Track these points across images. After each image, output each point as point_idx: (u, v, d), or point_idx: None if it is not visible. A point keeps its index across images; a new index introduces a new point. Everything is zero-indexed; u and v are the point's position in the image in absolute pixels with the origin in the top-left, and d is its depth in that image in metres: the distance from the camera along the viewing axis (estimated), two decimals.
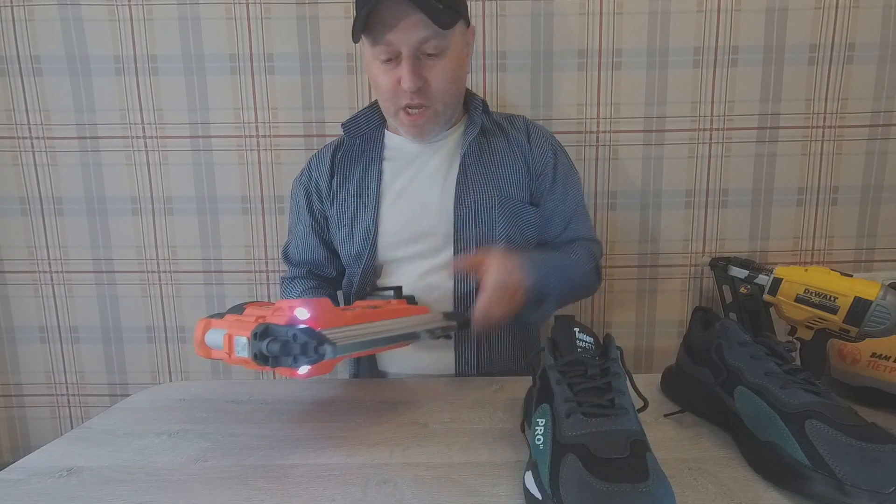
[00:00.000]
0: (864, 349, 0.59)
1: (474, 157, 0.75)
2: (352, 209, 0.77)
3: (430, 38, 0.64)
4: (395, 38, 0.64)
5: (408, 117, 0.70)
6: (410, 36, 0.64)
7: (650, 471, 0.35)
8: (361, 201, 0.77)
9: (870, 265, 1.06)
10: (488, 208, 0.74)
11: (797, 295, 0.65)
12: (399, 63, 0.66)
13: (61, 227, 1.08)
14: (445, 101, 0.71)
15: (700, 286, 1.07)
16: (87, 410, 1.13)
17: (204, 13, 1.00)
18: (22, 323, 1.11)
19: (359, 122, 0.79)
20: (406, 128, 0.73)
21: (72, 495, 0.43)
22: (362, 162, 0.78)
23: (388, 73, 0.67)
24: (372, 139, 0.79)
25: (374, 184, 0.76)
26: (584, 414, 0.39)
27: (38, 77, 1.03)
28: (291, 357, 0.45)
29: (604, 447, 0.37)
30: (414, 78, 0.65)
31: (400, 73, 0.66)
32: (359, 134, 0.79)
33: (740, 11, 0.98)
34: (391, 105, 0.71)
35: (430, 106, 0.69)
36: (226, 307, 1.09)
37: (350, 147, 0.80)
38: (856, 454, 0.37)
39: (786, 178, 1.03)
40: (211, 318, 0.52)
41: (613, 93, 1.01)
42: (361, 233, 0.76)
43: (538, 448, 0.40)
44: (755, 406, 0.45)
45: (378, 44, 0.65)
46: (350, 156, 0.79)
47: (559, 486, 0.36)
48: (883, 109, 1.01)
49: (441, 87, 0.68)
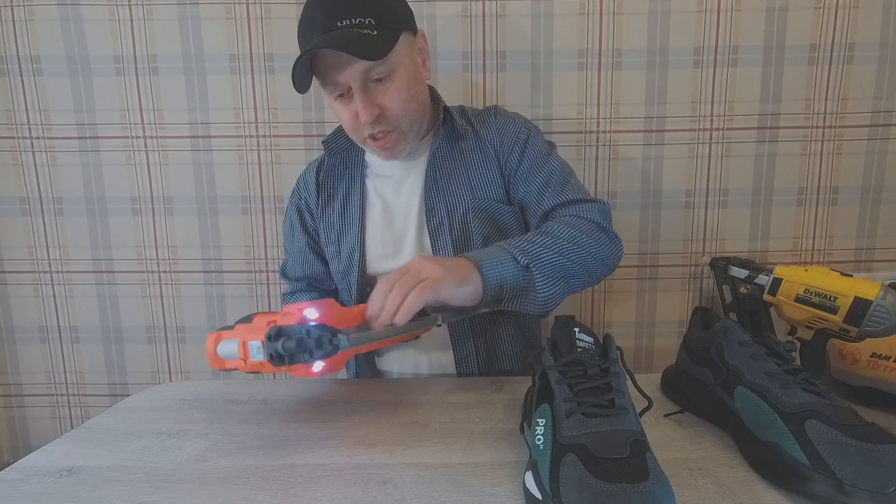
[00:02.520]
0: (864, 349, 0.59)
1: (444, 165, 0.75)
2: (337, 228, 0.78)
3: (373, 67, 0.64)
4: (340, 77, 0.64)
5: (375, 144, 0.70)
6: (353, 71, 0.63)
7: (650, 471, 0.35)
8: (346, 221, 0.78)
9: (870, 265, 1.06)
10: (462, 213, 0.74)
11: (797, 295, 0.65)
12: (353, 96, 0.66)
13: (61, 227, 1.08)
14: (409, 119, 0.70)
15: (700, 286, 1.07)
16: (87, 410, 1.13)
17: (204, 13, 1.00)
18: (22, 323, 1.11)
19: (338, 138, 0.80)
20: (377, 154, 0.74)
21: (72, 495, 0.43)
22: (345, 179, 0.79)
23: (346, 108, 0.68)
24: (353, 155, 0.80)
25: (357, 202, 0.77)
26: (585, 414, 0.39)
27: (38, 77, 1.03)
28: (307, 352, 0.45)
29: (604, 447, 0.37)
30: (369, 109, 0.65)
31: (356, 107, 0.66)
32: (339, 150, 0.80)
33: (740, 11, 0.98)
34: (356, 137, 0.71)
35: (393, 129, 0.69)
36: (226, 307, 1.11)
37: (332, 164, 0.80)
38: (856, 454, 0.37)
39: (786, 178, 1.03)
40: (221, 331, 0.52)
41: (613, 93, 1.01)
42: (347, 250, 0.77)
43: (538, 448, 0.40)
44: (755, 406, 0.45)
45: (326, 84, 0.67)
46: (333, 173, 0.80)
47: (559, 486, 0.36)
48: (883, 109, 1.01)
49: (398, 110, 0.68)
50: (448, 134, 0.76)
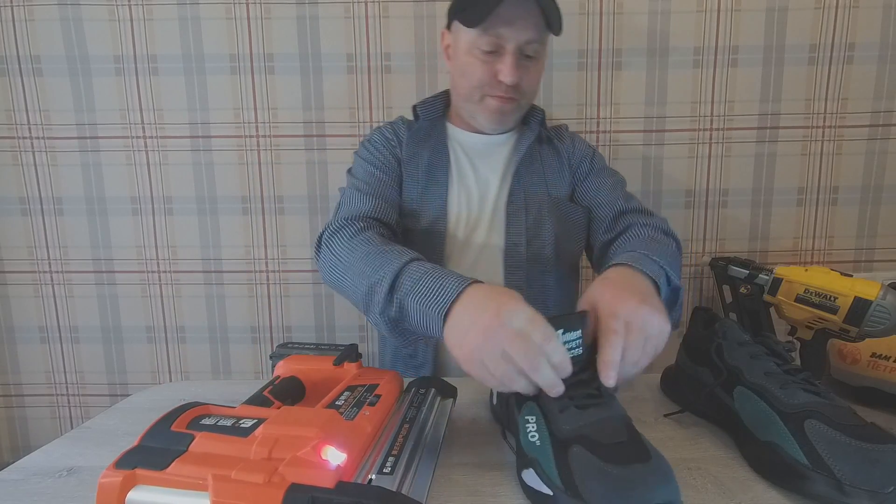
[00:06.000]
0: (864, 349, 0.59)
1: (527, 161, 0.78)
2: (421, 185, 0.77)
3: (534, 41, 0.68)
4: (507, 33, 0.67)
5: (498, 101, 0.72)
6: (520, 35, 0.67)
7: (650, 450, 0.37)
8: (432, 180, 0.77)
9: (870, 265, 1.06)
10: (538, 204, 0.77)
11: (797, 295, 0.65)
12: (499, 56, 0.69)
13: (61, 227, 1.08)
14: (529, 99, 0.75)
15: (700, 286, 1.07)
16: (87, 410, 1.13)
17: (204, 13, 1.00)
18: (22, 323, 1.11)
19: (433, 105, 0.82)
20: (490, 112, 0.74)
21: (72, 495, 0.43)
22: (430, 144, 0.79)
23: (486, 64, 0.69)
24: (438, 126, 0.81)
25: (444, 164, 0.78)
26: (578, 406, 0.40)
27: (38, 77, 1.03)
28: None
29: (605, 434, 0.38)
30: (515, 73, 0.68)
31: (498, 66, 0.69)
32: (429, 117, 0.81)
33: (740, 11, 0.98)
34: (478, 92, 0.72)
35: (518, 100, 0.73)
36: (226, 307, 1.11)
37: (417, 130, 0.81)
38: (855, 454, 0.37)
39: (786, 178, 1.03)
40: (144, 470, 0.32)
41: (613, 93, 1.01)
42: (433, 212, 0.76)
43: (534, 445, 0.40)
44: (755, 406, 0.45)
45: (487, 34, 0.67)
46: (418, 137, 0.80)
47: (573, 477, 0.36)
48: (883, 109, 1.01)
49: (531, 88, 0.73)
50: (535, 133, 0.80)
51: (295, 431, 0.35)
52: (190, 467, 0.32)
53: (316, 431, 0.35)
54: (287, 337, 1.10)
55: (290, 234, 1.07)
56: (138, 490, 0.32)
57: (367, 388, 0.48)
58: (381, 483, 0.36)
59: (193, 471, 0.32)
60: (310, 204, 1.06)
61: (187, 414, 0.38)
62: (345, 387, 0.48)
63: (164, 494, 0.32)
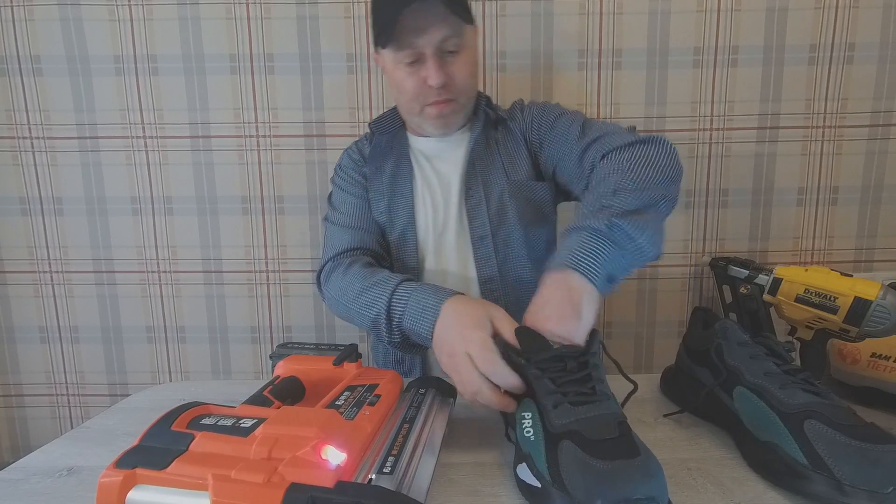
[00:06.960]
0: (864, 349, 0.59)
1: (481, 150, 0.78)
2: (387, 196, 0.79)
3: (450, 37, 0.68)
4: (419, 41, 0.67)
5: (435, 108, 0.72)
6: (432, 37, 0.67)
7: (639, 447, 0.37)
8: (395, 192, 0.78)
9: (870, 265, 1.06)
10: (499, 194, 0.76)
11: (797, 295, 0.65)
12: (422, 64, 0.69)
13: (61, 227, 1.08)
14: (468, 94, 0.74)
15: (700, 286, 1.07)
16: (87, 410, 1.13)
17: (204, 13, 1.00)
18: (22, 323, 1.11)
19: (388, 119, 0.82)
20: (433, 120, 0.74)
21: (72, 495, 0.43)
22: (392, 156, 0.80)
23: (413, 75, 0.70)
24: (398, 138, 0.82)
25: (406, 174, 0.79)
26: (571, 403, 0.41)
27: (38, 77, 1.03)
28: None
29: (595, 430, 0.38)
30: (440, 74, 0.68)
31: (424, 73, 0.69)
32: (386, 132, 0.82)
33: (740, 11, 0.98)
34: (416, 104, 0.73)
35: (454, 99, 0.73)
36: (226, 307, 1.11)
37: (378, 143, 0.82)
38: (855, 454, 0.37)
39: (786, 178, 1.03)
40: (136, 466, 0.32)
41: (614, 93, 1.01)
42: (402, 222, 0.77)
43: (529, 440, 0.41)
44: (754, 406, 0.45)
45: (403, 49, 0.68)
46: (377, 152, 0.81)
47: (560, 471, 0.37)
48: (883, 109, 1.01)
49: (463, 81, 0.72)
50: (485, 121, 0.79)
51: (295, 431, 0.35)
52: (190, 467, 0.32)
53: (316, 431, 0.35)
54: (287, 337, 1.10)
55: (290, 234, 1.07)
56: (138, 490, 0.32)
57: (367, 387, 0.49)
58: (381, 483, 0.35)
59: (193, 470, 0.32)
60: (310, 204, 1.06)
61: (187, 414, 0.38)
62: (345, 387, 0.48)
63: (164, 494, 0.32)
